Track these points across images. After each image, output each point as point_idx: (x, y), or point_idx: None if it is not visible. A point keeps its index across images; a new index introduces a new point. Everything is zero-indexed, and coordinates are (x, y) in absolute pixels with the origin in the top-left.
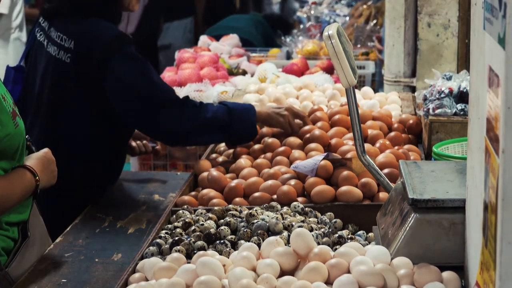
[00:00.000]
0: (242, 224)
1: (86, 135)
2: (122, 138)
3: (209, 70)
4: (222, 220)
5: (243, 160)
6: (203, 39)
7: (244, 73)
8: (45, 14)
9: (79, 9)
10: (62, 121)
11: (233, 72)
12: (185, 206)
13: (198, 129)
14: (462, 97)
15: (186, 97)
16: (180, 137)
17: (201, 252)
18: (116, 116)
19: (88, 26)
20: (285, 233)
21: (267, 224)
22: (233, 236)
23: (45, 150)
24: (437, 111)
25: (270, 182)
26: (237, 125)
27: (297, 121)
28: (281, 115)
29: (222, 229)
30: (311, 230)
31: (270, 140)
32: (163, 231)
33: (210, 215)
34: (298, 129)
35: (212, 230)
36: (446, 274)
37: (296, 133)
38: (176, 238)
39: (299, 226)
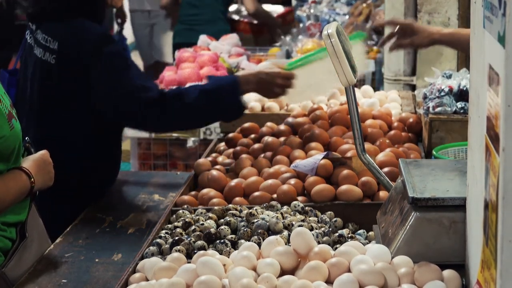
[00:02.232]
0: (242, 223)
1: (79, 135)
2: (115, 137)
3: (208, 70)
4: (222, 220)
5: (243, 160)
6: (203, 38)
7: None
8: (30, 18)
9: (62, 10)
10: (52, 122)
11: (232, 71)
12: (185, 206)
13: (180, 119)
14: (462, 95)
15: (162, 92)
16: (165, 129)
17: (201, 252)
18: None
19: (72, 27)
20: (285, 233)
21: (267, 223)
22: (233, 236)
23: (43, 152)
24: (437, 109)
25: (270, 181)
26: (219, 107)
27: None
28: (270, 79)
29: (222, 229)
30: (311, 229)
31: (270, 139)
32: (163, 231)
33: (210, 214)
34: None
35: (212, 230)
36: (447, 273)
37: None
38: (176, 238)
39: (299, 226)
